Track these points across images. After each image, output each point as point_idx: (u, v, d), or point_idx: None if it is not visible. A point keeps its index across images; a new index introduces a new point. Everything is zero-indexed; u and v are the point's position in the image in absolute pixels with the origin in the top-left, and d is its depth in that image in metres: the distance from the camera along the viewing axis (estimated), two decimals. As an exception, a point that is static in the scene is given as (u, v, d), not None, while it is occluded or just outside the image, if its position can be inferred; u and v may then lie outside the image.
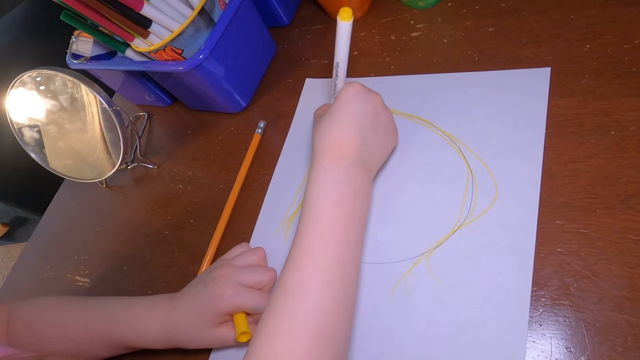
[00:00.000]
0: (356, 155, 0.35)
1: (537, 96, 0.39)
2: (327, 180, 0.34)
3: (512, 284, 0.33)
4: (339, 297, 0.31)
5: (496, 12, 0.47)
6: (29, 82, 0.52)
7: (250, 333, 0.37)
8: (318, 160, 0.35)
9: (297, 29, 0.59)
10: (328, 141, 0.35)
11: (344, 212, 0.33)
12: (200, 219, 0.50)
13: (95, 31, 0.50)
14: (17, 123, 0.54)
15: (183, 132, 0.59)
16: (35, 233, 0.63)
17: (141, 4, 0.42)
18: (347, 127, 0.35)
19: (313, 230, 0.32)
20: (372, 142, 0.36)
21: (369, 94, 0.37)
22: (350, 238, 0.33)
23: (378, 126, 0.37)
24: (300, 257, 0.32)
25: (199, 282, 0.40)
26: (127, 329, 0.41)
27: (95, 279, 0.53)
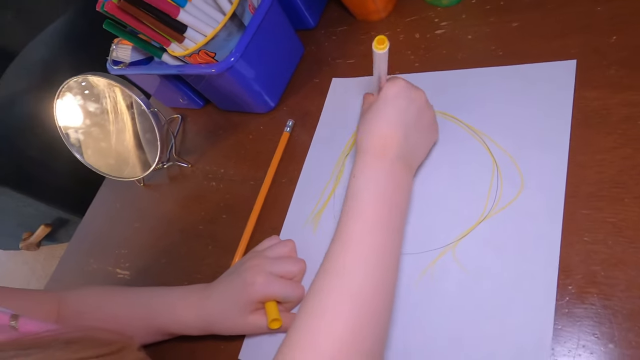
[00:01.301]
0: (398, 152, 0.36)
1: (562, 88, 0.39)
2: (370, 174, 0.36)
3: (539, 272, 0.33)
4: (379, 283, 0.33)
5: (520, 7, 0.47)
6: (75, 87, 0.56)
7: (281, 320, 0.39)
8: (362, 155, 0.37)
9: (323, 31, 0.61)
10: (372, 137, 0.37)
11: (386, 205, 0.35)
12: (232, 214, 0.53)
13: (135, 38, 0.53)
14: (64, 126, 0.58)
15: (215, 132, 0.62)
16: (78, 229, 0.67)
17: (177, 11, 0.45)
18: (390, 124, 0.36)
19: (356, 220, 0.34)
20: (414, 139, 0.38)
21: (412, 91, 0.38)
22: (391, 229, 0.35)
23: (420, 123, 0.38)
24: (342, 243, 0.34)
25: (233, 272, 0.42)
26: (165, 317, 0.43)
27: (135, 272, 0.56)
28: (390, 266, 0.34)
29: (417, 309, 0.36)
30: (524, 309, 0.33)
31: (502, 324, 0.33)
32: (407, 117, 0.37)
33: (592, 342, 0.30)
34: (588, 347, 0.30)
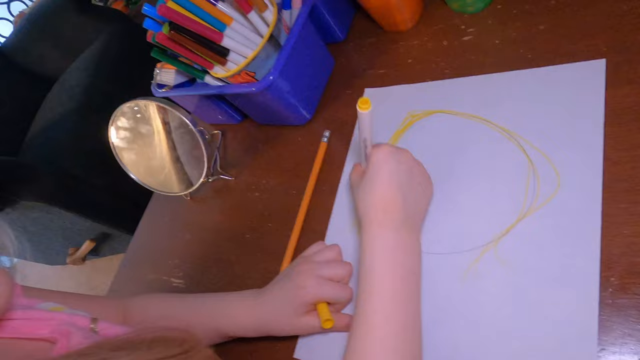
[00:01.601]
0: (401, 216, 0.38)
1: (593, 87, 0.41)
2: (378, 246, 0.38)
3: (580, 266, 0.35)
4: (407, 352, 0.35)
5: (546, 10, 0.48)
6: (128, 111, 0.60)
7: (333, 320, 0.41)
8: (367, 227, 0.39)
9: (352, 43, 0.64)
10: (372, 207, 0.39)
11: (399, 274, 0.37)
12: (277, 222, 0.56)
13: (179, 63, 0.58)
14: (118, 148, 0.63)
15: (254, 146, 0.66)
16: (132, 242, 0.71)
17: (221, 37, 0.49)
18: (386, 190, 0.38)
19: (373, 299, 0.36)
20: (412, 198, 0.40)
21: (398, 153, 0.40)
22: (409, 298, 0.37)
23: (414, 181, 0.40)
24: (364, 326, 0.36)
25: (285, 277, 0.45)
26: (223, 320, 0.46)
27: (188, 280, 0.60)
28: (416, 332, 0.37)
29: (464, 305, 0.38)
30: (568, 301, 0.34)
31: (548, 316, 0.34)
32: (399, 178, 0.39)
33: (638, 330, 0.31)
34: (634, 336, 0.31)
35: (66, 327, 0.37)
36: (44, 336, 0.36)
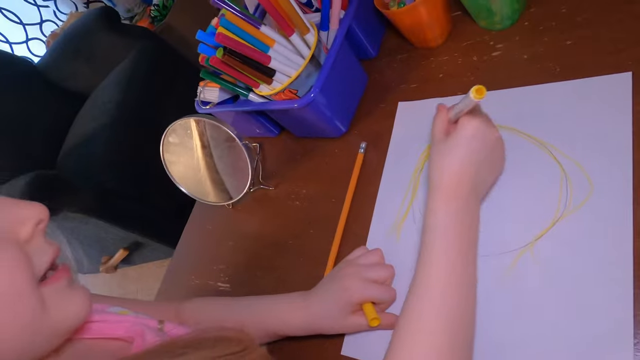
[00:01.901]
0: (471, 187, 0.41)
1: (621, 98, 0.43)
2: (446, 211, 0.41)
3: (615, 265, 0.37)
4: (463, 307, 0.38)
5: (572, 26, 0.51)
6: (178, 128, 0.65)
7: (379, 319, 0.45)
8: (436, 191, 0.42)
9: (384, 59, 0.68)
10: (447, 175, 0.41)
11: (463, 239, 0.40)
12: (318, 229, 0.60)
13: (225, 82, 0.62)
14: (168, 161, 0.68)
15: (293, 157, 0.70)
16: (177, 250, 0.76)
17: (269, 60, 0.53)
18: (464, 164, 0.41)
19: (438, 255, 0.40)
20: (484, 173, 0.43)
21: (487, 131, 0.42)
22: (468, 259, 0.40)
23: (491, 160, 0.43)
24: (429, 277, 0.39)
25: (331, 280, 0.49)
26: (273, 320, 0.50)
27: (234, 284, 0.64)
28: (471, 291, 0.40)
29: (504, 305, 0.41)
30: (604, 298, 0.37)
31: (585, 313, 0.37)
32: (479, 156, 0.41)
33: (671, 324, 0.34)
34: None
35: (140, 327, 0.41)
36: (120, 336, 0.40)
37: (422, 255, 0.41)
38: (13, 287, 0.29)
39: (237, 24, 0.54)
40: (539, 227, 0.43)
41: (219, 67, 0.53)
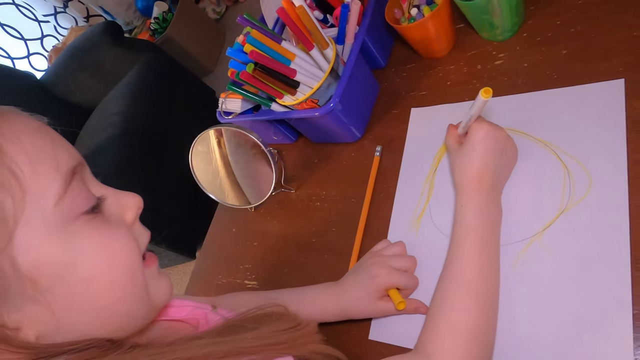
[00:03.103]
0: (491, 183, 0.48)
1: (615, 102, 0.49)
2: (472, 205, 0.47)
3: (614, 249, 0.43)
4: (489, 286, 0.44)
5: (567, 37, 0.57)
6: (206, 137, 0.70)
7: (405, 302, 0.49)
8: (462, 190, 0.48)
9: (393, 69, 0.73)
10: (469, 176, 0.48)
11: (488, 226, 0.46)
12: (340, 227, 0.64)
13: (248, 93, 0.67)
14: (196, 169, 0.73)
15: (311, 162, 0.75)
16: (200, 252, 0.80)
17: (294, 73, 0.58)
18: (483, 164, 0.47)
19: (467, 240, 0.46)
20: (501, 169, 0.49)
21: (495, 132, 0.48)
22: (493, 243, 0.46)
23: (505, 156, 0.49)
24: (460, 259, 0.45)
25: (358, 270, 0.54)
26: (308, 307, 0.55)
27: (262, 282, 0.69)
28: (496, 271, 0.45)
29: (517, 287, 0.46)
30: (606, 278, 0.42)
31: (590, 292, 0.42)
32: (494, 154, 0.47)
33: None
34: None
35: (201, 310, 0.45)
36: (182, 318, 0.45)
37: (453, 245, 0.47)
38: (132, 262, 0.34)
39: (261, 41, 0.59)
40: (546, 218, 0.48)
41: (249, 80, 0.58)
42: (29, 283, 0.28)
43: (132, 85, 1.79)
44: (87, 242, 0.31)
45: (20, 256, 0.28)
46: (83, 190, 0.32)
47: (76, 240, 0.31)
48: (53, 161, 0.31)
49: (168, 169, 1.67)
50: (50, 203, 0.29)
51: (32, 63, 2.46)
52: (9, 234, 0.27)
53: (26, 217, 0.28)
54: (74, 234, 0.31)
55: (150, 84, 1.80)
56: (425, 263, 0.53)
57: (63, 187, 0.30)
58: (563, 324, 0.42)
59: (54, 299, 0.30)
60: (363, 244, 0.61)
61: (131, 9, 2.75)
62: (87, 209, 0.32)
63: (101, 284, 0.32)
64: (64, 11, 2.58)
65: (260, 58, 0.55)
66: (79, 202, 0.31)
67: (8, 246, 0.27)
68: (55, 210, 0.30)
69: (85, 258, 0.31)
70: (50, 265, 0.29)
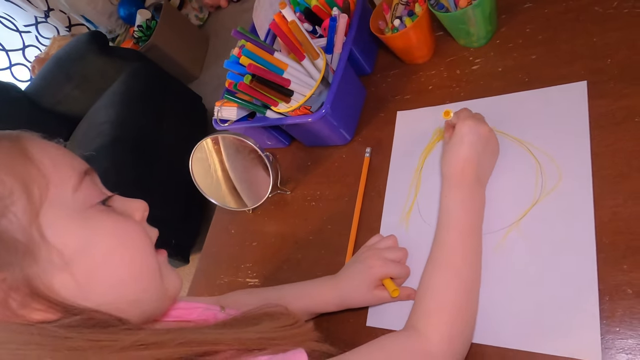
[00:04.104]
0: (475, 175, 0.52)
1: (579, 102, 0.54)
2: (456, 196, 0.51)
3: (581, 233, 0.48)
4: (472, 271, 0.49)
5: (535, 43, 0.63)
6: (204, 145, 0.73)
7: (399, 290, 0.54)
8: (447, 180, 0.53)
9: (379, 75, 0.78)
10: (454, 167, 0.52)
11: (471, 215, 0.51)
12: (335, 224, 0.69)
13: (244, 101, 0.71)
14: (197, 175, 0.76)
15: (304, 164, 0.79)
16: (202, 253, 0.84)
17: (288, 83, 0.63)
18: (466, 156, 0.51)
19: (453, 230, 0.50)
20: (484, 162, 0.53)
21: (479, 126, 0.52)
22: (476, 231, 0.51)
23: (488, 149, 0.53)
24: (445, 246, 0.50)
25: (354, 262, 0.58)
26: (309, 300, 0.59)
27: (263, 279, 0.73)
28: (478, 257, 0.50)
29: (497, 271, 0.51)
30: (576, 259, 0.47)
31: (562, 273, 0.47)
32: (477, 148, 0.52)
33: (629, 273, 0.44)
34: (626, 276, 0.44)
35: (211, 311, 0.49)
36: (193, 319, 0.48)
37: (438, 232, 0.52)
38: (144, 244, 0.39)
39: (256, 53, 0.63)
40: (522, 209, 0.53)
41: (247, 90, 0.62)
42: (55, 252, 0.34)
43: (119, 94, 1.81)
44: (104, 225, 0.37)
45: (47, 230, 0.34)
46: (95, 186, 0.39)
47: (93, 221, 0.36)
48: (69, 163, 0.38)
49: (159, 175, 1.69)
50: (69, 192, 0.36)
51: (14, 74, 2.45)
52: (36, 211, 0.33)
53: (49, 200, 0.34)
54: (91, 217, 0.36)
55: (137, 92, 1.82)
56: (415, 253, 0.58)
57: (78, 181, 0.37)
58: (539, 301, 0.48)
59: (77, 269, 0.35)
60: (357, 239, 0.65)
61: (113, 17, 2.75)
62: (99, 200, 0.38)
63: (117, 260, 0.37)
64: (45, 21, 2.57)
65: (257, 70, 0.59)
66: (92, 194, 0.38)
67: (35, 220, 0.33)
68: (73, 197, 0.36)
69: (102, 237, 0.37)
70: (72, 240, 0.35)
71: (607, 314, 0.44)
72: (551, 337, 0.46)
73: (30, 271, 0.33)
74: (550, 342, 0.45)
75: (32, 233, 0.33)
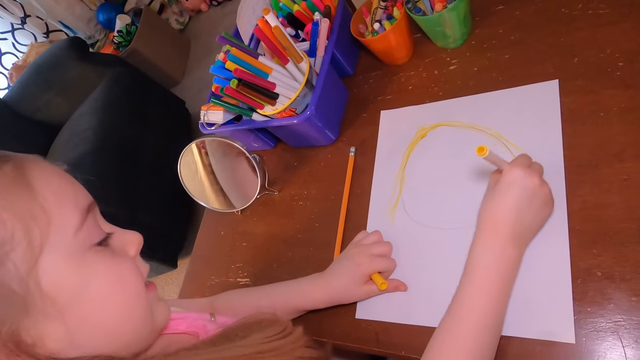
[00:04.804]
0: (511, 232, 0.46)
1: (552, 100, 0.57)
2: (486, 253, 0.47)
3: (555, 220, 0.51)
4: (489, 337, 0.45)
5: (508, 44, 0.66)
6: (193, 148, 0.75)
7: (386, 283, 0.57)
8: (480, 232, 0.48)
9: (360, 77, 0.81)
10: (489, 219, 0.47)
11: (498, 277, 0.46)
12: (323, 222, 0.71)
13: (230, 105, 0.73)
14: (185, 179, 0.77)
15: (291, 165, 0.81)
16: (193, 254, 0.85)
17: (274, 86, 0.64)
18: (505, 209, 0.46)
19: (474, 287, 0.46)
20: (528, 219, 0.46)
21: (527, 177, 0.45)
22: (500, 296, 0.46)
23: (534, 204, 0.46)
24: (464, 304, 0.46)
25: (342, 260, 0.60)
26: (300, 298, 0.61)
27: (254, 277, 0.74)
28: (499, 323, 0.46)
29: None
30: (550, 243, 0.50)
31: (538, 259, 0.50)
32: (520, 202, 0.45)
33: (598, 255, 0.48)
34: (596, 258, 0.48)
35: (201, 321, 0.50)
36: (183, 330, 0.49)
37: (461, 286, 0.48)
38: (137, 286, 0.39)
39: (241, 57, 0.65)
40: (499, 199, 0.56)
41: (234, 94, 0.64)
42: (49, 302, 0.33)
43: (101, 100, 1.80)
44: (99, 268, 0.36)
45: (44, 277, 0.32)
46: (96, 225, 0.37)
47: (90, 266, 0.35)
48: (73, 199, 0.36)
49: (144, 181, 1.69)
50: (70, 234, 0.34)
51: (-9, 82, 2.40)
52: (35, 258, 0.32)
53: (50, 244, 0.33)
54: (88, 261, 0.35)
55: (120, 98, 1.81)
56: (401, 247, 0.60)
57: (80, 221, 0.35)
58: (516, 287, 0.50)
59: (70, 317, 0.34)
60: (345, 236, 0.67)
61: (92, 22, 2.72)
62: (98, 240, 0.37)
63: (111, 304, 0.37)
64: (22, 28, 2.53)
65: (243, 74, 0.61)
66: (93, 234, 0.36)
67: (34, 269, 0.32)
68: (74, 240, 0.34)
69: (97, 281, 0.35)
70: (68, 287, 0.34)
71: (579, 297, 0.47)
72: (527, 321, 0.48)
73: (21, 325, 0.32)
74: (527, 326, 0.48)
75: (29, 283, 0.32)
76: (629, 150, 0.51)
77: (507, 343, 0.48)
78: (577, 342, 0.45)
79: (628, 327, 0.44)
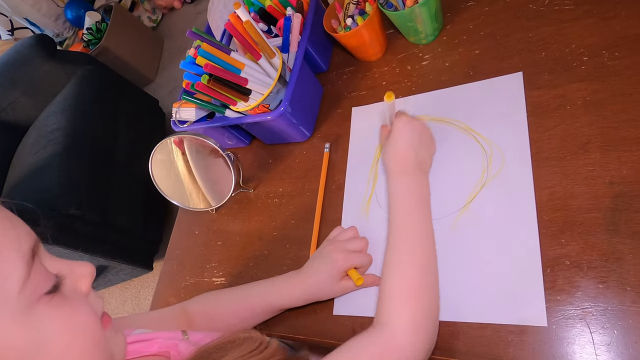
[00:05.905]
0: (414, 165, 0.56)
1: (517, 92, 0.59)
2: (400, 185, 0.56)
3: (524, 211, 0.52)
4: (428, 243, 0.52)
5: (478, 39, 0.67)
6: (164, 146, 0.73)
7: (362, 278, 0.57)
8: (391, 173, 0.57)
9: (334, 72, 0.81)
10: (394, 160, 0.57)
11: (416, 201, 0.55)
12: (299, 218, 0.71)
13: (202, 102, 0.72)
14: (157, 178, 0.76)
15: (266, 162, 0.80)
16: (167, 255, 0.83)
17: (246, 82, 0.64)
18: (404, 149, 0.56)
19: (403, 214, 0.54)
20: (422, 153, 0.58)
21: (412, 122, 0.57)
22: (424, 212, 0.55)
23: (423, 141, 0.58)
24: (398, 229, 0.53)
25: (318, 257, 0.60)
26: (277, 297, 0.60)
27: (229, 277, 0.73)
28: (429, 235, 0.53)
29: (453, 249, 0.55)
30: (520, 233, 0.51)
31: (508, 247, 0.51)
32: (413, 141, 0.56)
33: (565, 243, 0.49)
34: (565, 248, 0.49)
35: (172, 341, 0.48)
36: (155, 352, 0.46)
37: (389, 217, 0.55)
38: (94, 331, 0.36)
39: (212, 53, 0.63)
40: (472, 192, 0.57)
41: (205, 90, 0.63)
42: None
43: (70, 99, 1.74)
44: (52, 322, 0.32)
45: None
46: (43, 271, 0.33)
47: (41, 321, 0.31)
48: (16, 243, 0.31)
49: (117, 182, 1.65)
50: (15, 289, 0.30)
51: (-48, 82, 2.29)
52: None
53: None
54: (38, 316, 0.31)
55: (90, 97, 1.76)
56: (376, 242, 0.61)
57: (26, 271, 0.31)
58: (489, 276, 0.51)
59: None
60: (320, 232, 0.67)
61: (60, 19, 2.64)
62: (48, 289, 0.32)
63: (70, 356, 0.34)
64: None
65: (214, 70, 0.60)
66: (41, 283, 0.32)
67: None
68: (19, 296, 0.30)
69: (52, 337, 0.32)
70: (20, 348, 0.30)
71: (549, 285, 0.48)
72: (501, 308, 0.49)
73: None
74: (501, 313, 0.49)
75: None
76: (594, 142, 0.52)
77: (482, 330, 0.49)
78: (548, 329, 0.46)
79: (595, 314, 0.45)
